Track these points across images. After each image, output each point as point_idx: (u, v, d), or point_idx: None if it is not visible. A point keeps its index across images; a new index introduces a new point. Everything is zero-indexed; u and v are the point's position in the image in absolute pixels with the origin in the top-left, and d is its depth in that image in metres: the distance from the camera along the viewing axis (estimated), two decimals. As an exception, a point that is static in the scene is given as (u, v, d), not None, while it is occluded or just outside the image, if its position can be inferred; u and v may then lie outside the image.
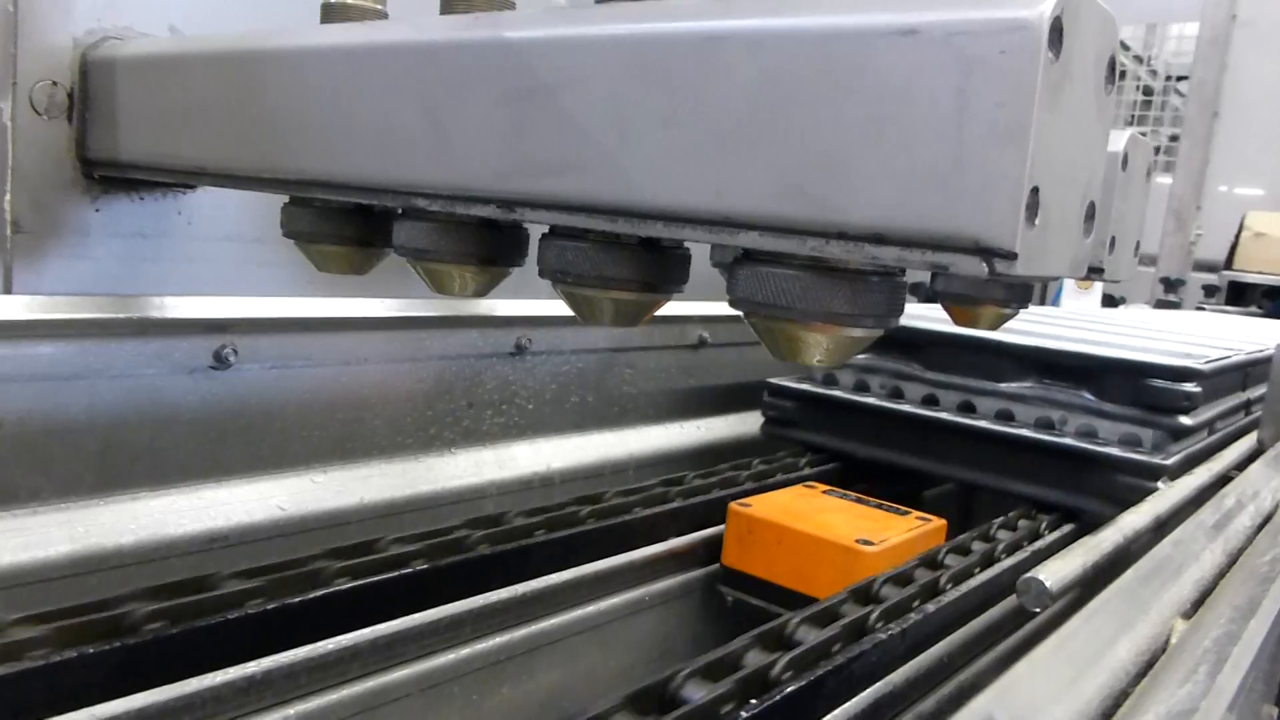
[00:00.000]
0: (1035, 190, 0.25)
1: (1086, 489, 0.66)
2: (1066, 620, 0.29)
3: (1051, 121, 0.25)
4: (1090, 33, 0.26)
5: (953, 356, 0.74)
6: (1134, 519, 0.54)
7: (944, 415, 0.72)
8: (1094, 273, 0.44)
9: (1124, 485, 0.64)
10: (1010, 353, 0.72)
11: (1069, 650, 0.27)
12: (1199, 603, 0.34)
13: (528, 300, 0.70)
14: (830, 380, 0.80)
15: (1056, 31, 0.24)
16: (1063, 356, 0.70)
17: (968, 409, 0.74)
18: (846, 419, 0.77)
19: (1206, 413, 0.70)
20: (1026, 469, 0.69)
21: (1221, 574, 0.39)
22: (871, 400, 0.76)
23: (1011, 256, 0.24)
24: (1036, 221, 0.25)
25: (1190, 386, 0.65)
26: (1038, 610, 0.43)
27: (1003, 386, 0.72)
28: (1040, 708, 0.23)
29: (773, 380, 0.81)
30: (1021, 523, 0.65)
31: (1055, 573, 0.43)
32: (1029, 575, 0.42)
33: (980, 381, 0.73)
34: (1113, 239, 0.50)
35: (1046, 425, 0.70)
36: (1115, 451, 0.65)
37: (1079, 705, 0.24)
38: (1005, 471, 0.70)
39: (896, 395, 0.77)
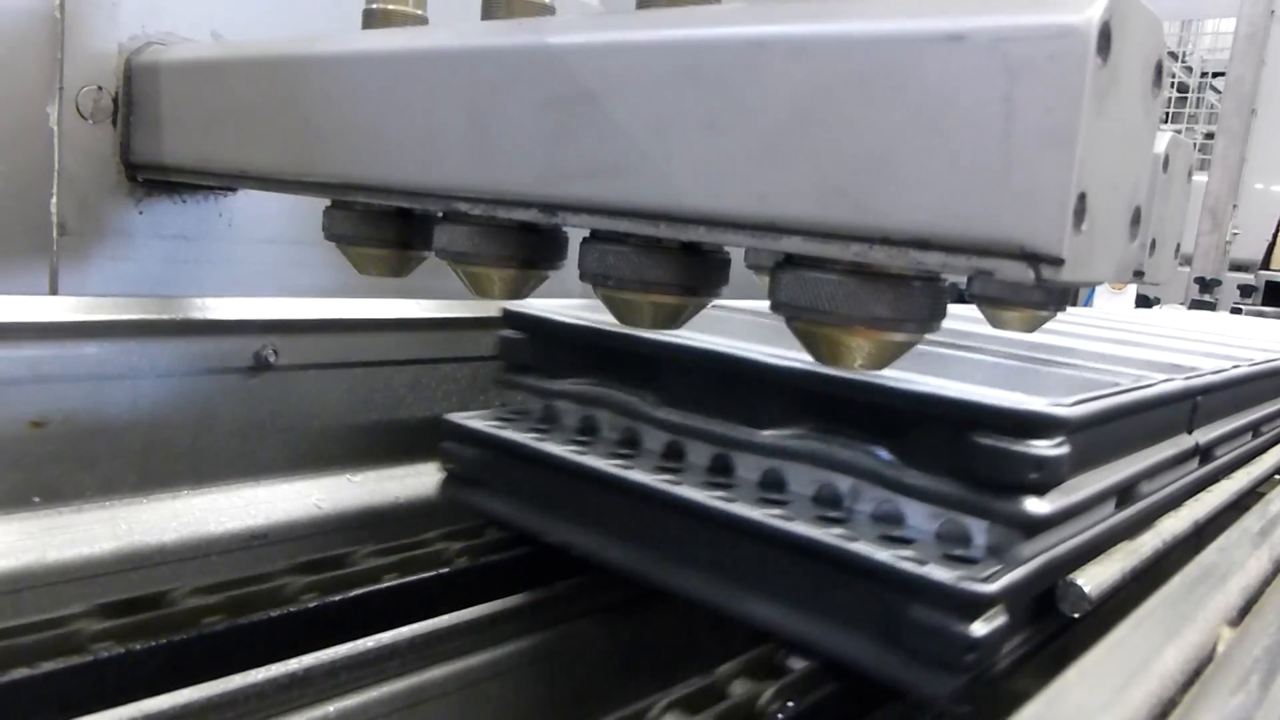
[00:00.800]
0: (1082, 196, 0.25)
1: (857, 624, 0.36)
2: (1112, 628, 0.29)
3: (1099, 126, 0.25)
4: (1137, 37, 0.26)
5: (703, 387, 0.45)
6: (1172, 524, 0.53)
7: (656, 482, 0.42)
8: (1135, 275, 0.43)
9: (919, 626, 0.34)
10: (780, 383, 0.42)
11: (1117, 658, 0.27)
12: (1245, 610, 0.34)
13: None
14: (547, 417, 0.52)
15: (1105, 36, 0.24)
16: (849, 389, 0.40)
17: (721, 469, 0.44)
18: (539, 481, 0.47)
19: (1096, 481, 0.41)
20: (775, 584, 0.39)
21: (1268, 581, 0.39)
22: (564, 453, 0.46)
23: (1058, 262, 0.24)
24: (1083, 227, 0.25)
25: (1044, 446, 0.35)
26: (1076, 615, 0.43)
27: (766, 436, 0.42)
28: (1090, 715, 0.23)
29: (452, 417, 0.51)
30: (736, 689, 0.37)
31: (1094, 578, 0.43)
32: (1068, 579, 0.42)
33: (739, 429, 0.43)
34: (1153, 241, 0.49)
35: (831, 501, 0.41)
36: (903, 566, 0.34)
37: (1128, 713, 0.24)
38: (742, 583, 0.40)
39: (628, 444, 0.48)
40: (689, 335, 0.45)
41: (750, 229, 0.30)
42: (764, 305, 0.37)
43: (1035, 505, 0.35)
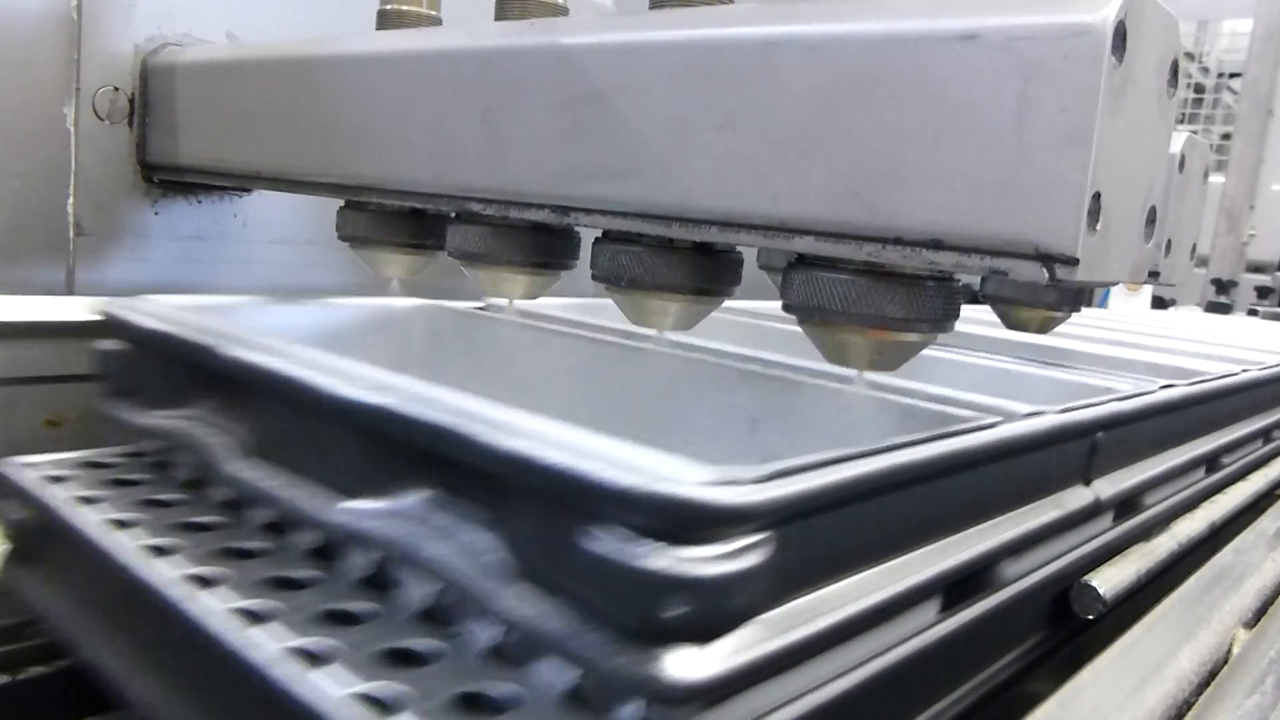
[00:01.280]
0: (1097, 195, 0.24)
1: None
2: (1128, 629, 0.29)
3: (1114, 126, 0.25)
4: (1153, 36, 0.26)
5: (288, 427, 0.33)
6: (1188, 525, 0.53)
7: (171, 589, 0.28)
8: (1150, 276, 0.43)
9: None
10: (360, 424, 0.29)
11: (1132, 659, 0.27)
12: (1261, 612, 0.34)
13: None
14: (160, 463, 0.38)
15: (1120, 35, 0.24)
16: (425, 438, 0.27)
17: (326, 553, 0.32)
18: (78, 569, 0.34)
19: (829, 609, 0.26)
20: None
21: (1283, 584, 0.39)
22: (90, 528, 0.32)
23: (1073, 262, 0.24)
24: (1098, 227, 0.25)
25: (701, 558, 0.21)
26: (1090, 617, 0.43)
27: (342, 511, 0.29)
28: (1105, 716, 0.23)
29: (9, 462, 0.38)
30: None
31: (1108, 579, 0.43)
32: (1082, 581, 0.42)
33: (311, 495, 0.30)
34: (1169, 242, 0.49)
35: (442, 615, 0.28)
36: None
37: (1143, 714, 0.24)
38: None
39: (228, 508, 0.35)
40: (292, 353, 0.33)
41: (763, 229, 0.30)
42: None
43: (683, 666, 0.21)
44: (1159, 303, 2.29)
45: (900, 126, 0.26)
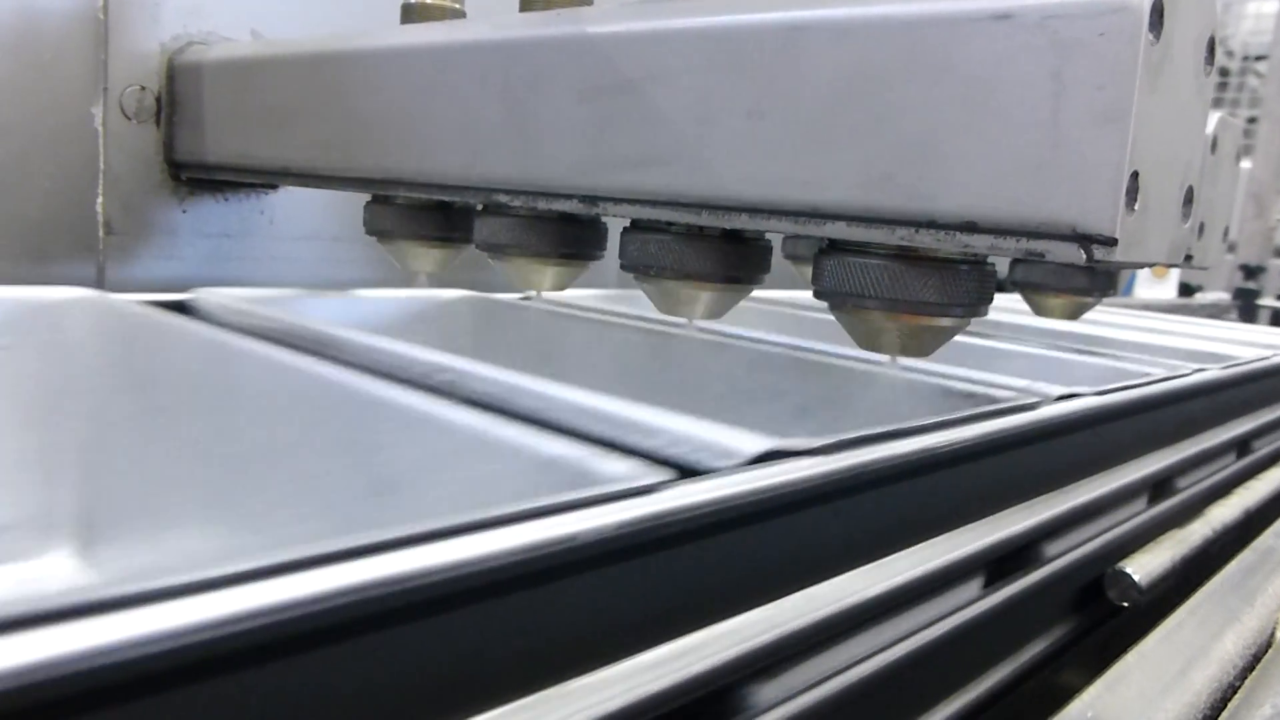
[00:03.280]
0: (1135, 175, 0.24)
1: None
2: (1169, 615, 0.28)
3: (1151, 104, 0.24)
4: (1190, 12, 0.26)
5: None
6: (1222, 512, 0.53)
7: None
8: (1185, 259, 0.43)
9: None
10: None
11: (1177, 643, 0.26)
12: (1304, 595, 0.34)
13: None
14: None
15: (1157, 12, 0.24)
16: None
17: None
18: None
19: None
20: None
21: (1327, 567, 0.38)
22: None
23: (1111, 243, 0.24)
24: (1136, 207, 0.24)
25: None
26: (1125, 604, 0.42)
27: None
28: (1151, 699, 0.23)
29: None
30: None
31: (1143, 566, 0.42)
32: (1117, 568, 0.42)
33: None
34: (1201, 224, 0.49)
35: None
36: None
37: (1189, 698, 0.24)
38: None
39: None
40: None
41: (794, 215, 0.29)
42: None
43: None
44: (1185, 289, 2.27)
45: (933, 109, 0.26)
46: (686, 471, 0.24)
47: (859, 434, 0.26)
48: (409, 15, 0.46)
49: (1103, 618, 0.46)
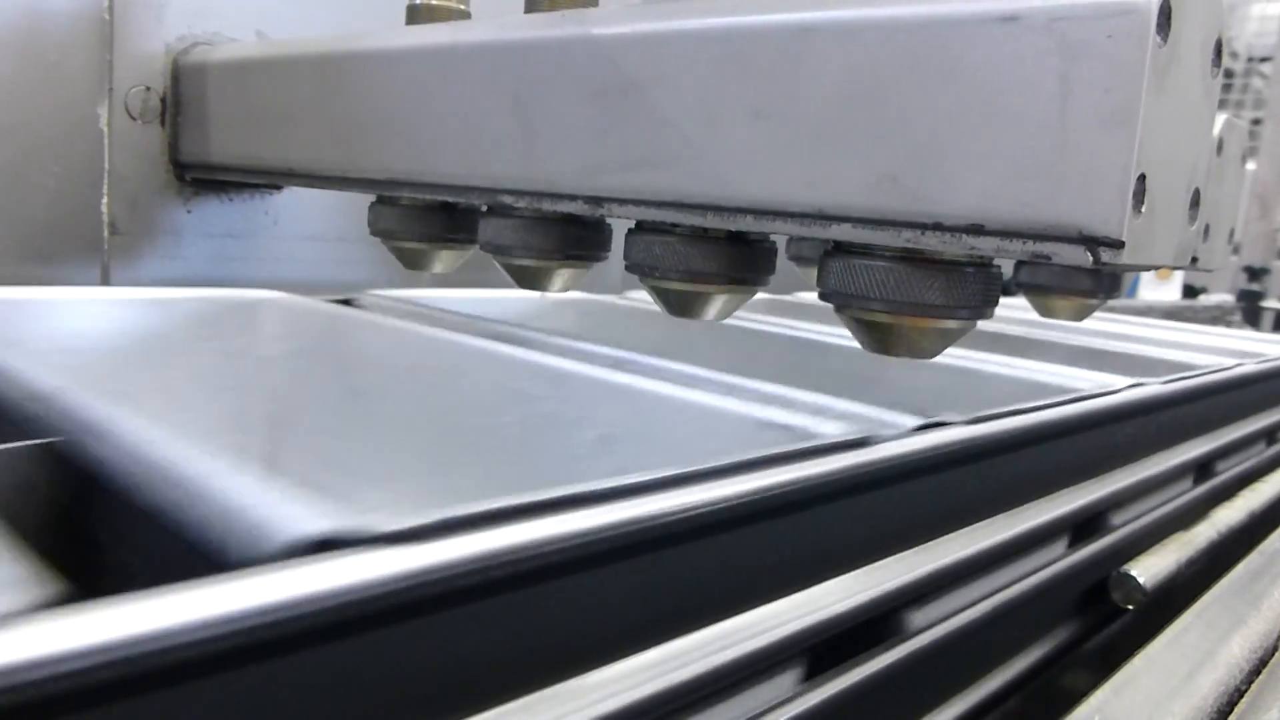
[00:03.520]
0: (1142, 177, 0.24)
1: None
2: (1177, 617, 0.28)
3: (1159, 107, 0.24)
4: (1197, 15, 0.26)
5: None
6: (1227, 514, 0.53)
7: None
8: (1190, 261, 0.43)
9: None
10: None
11: (1183, 646, 0.26)
12: (1310, 599, 0.33)
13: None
14: None
15: (1164, 14, 0.24)
16: None
17: None
18: None
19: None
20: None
21: (1332, 571, 0.38)
22: None
23: (1118, 245, 0.24)
24: (1143, 209, 0.24)
25: None
26: (1130, 607, 0.42)
27: None
28: (1158, 703, 0.23)
29: None
30: None
31: (1149, 569, 0.42)
32: (1122, 570, 0.41)
33: None
34: (1207, 226, 0.48)
35: None
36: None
37: (1196, 701, 0.24)
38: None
39: None
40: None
41: (799, 217, 0.29)
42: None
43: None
44: (1189, 291, 2.27)
45: (939, 111, 0.26)
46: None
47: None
48: (414, 16, 0.46)
49: (1107, 620, 0.46)
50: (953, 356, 0.52)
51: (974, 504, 0.34)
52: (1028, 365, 0.53)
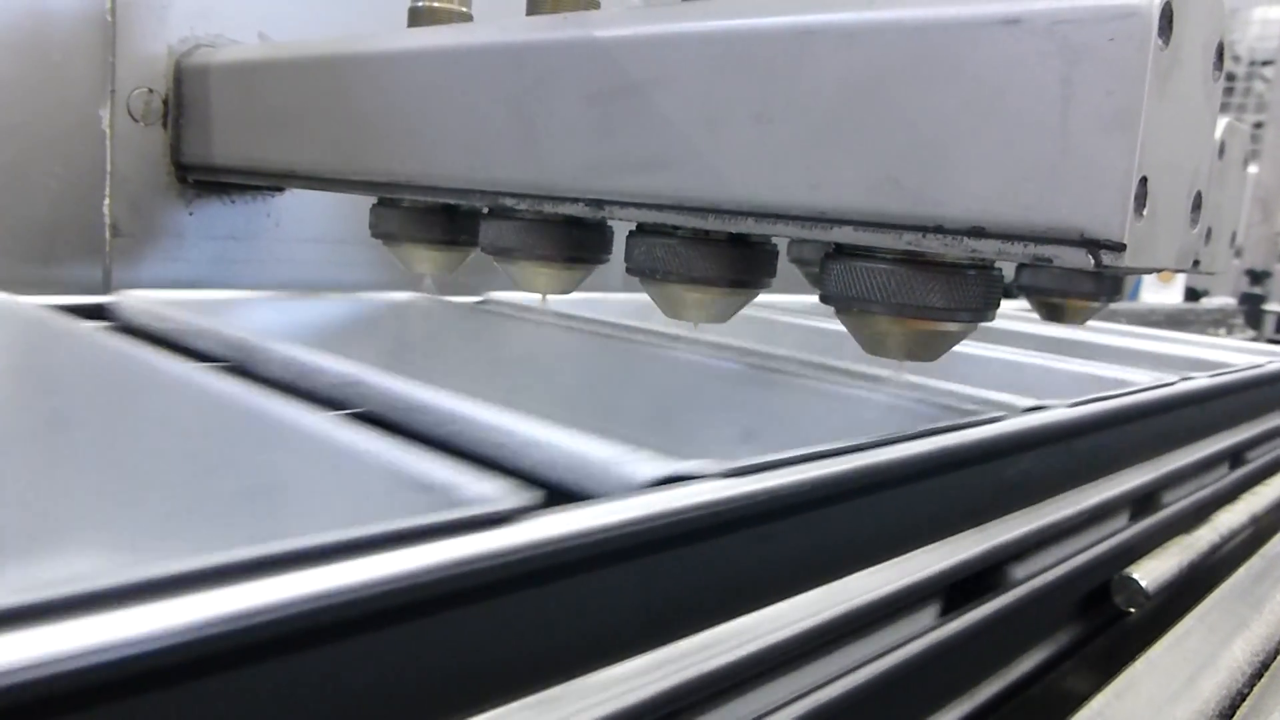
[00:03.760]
0: (1144, 180, 0.24)
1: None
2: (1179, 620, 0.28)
3: (1160, 110, 0.24)
4: (1199, 18, 0.26)
5: None
6: (1229, 517, 0.52)
7: None
8: (1192, 265, 0.43)
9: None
10: None
11: (1185, 649, 0.26)
12: (1312, 603, 0.33)
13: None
14: None
15: (1166, 17, 0.24)
16: None
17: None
18: None
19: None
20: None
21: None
22: None
23: (1120, 248, 0.24)
24: (1145, 212, 0.24)
25: None
26: (1132, 610, 0.42)
27: None
28: (1160, 707, 0.23)
29: None
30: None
31: (1150, 572, 0.42)
32: (1124, 574, 0.41)
33: None
34: (1209, 230, 0.48)
35: None
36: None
37: (1198, 705, 0.24)
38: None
39: None
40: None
41: (800, 220, 0.29)
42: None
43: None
44: (1191, 294, 2.27)
45: (941, 113, 0.26)
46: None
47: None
48: (416, 18, 0.46)
49: (1109, 623, 0.46)
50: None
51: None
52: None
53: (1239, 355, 0.59)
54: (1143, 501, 0.46)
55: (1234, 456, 0.58)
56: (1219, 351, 0.64)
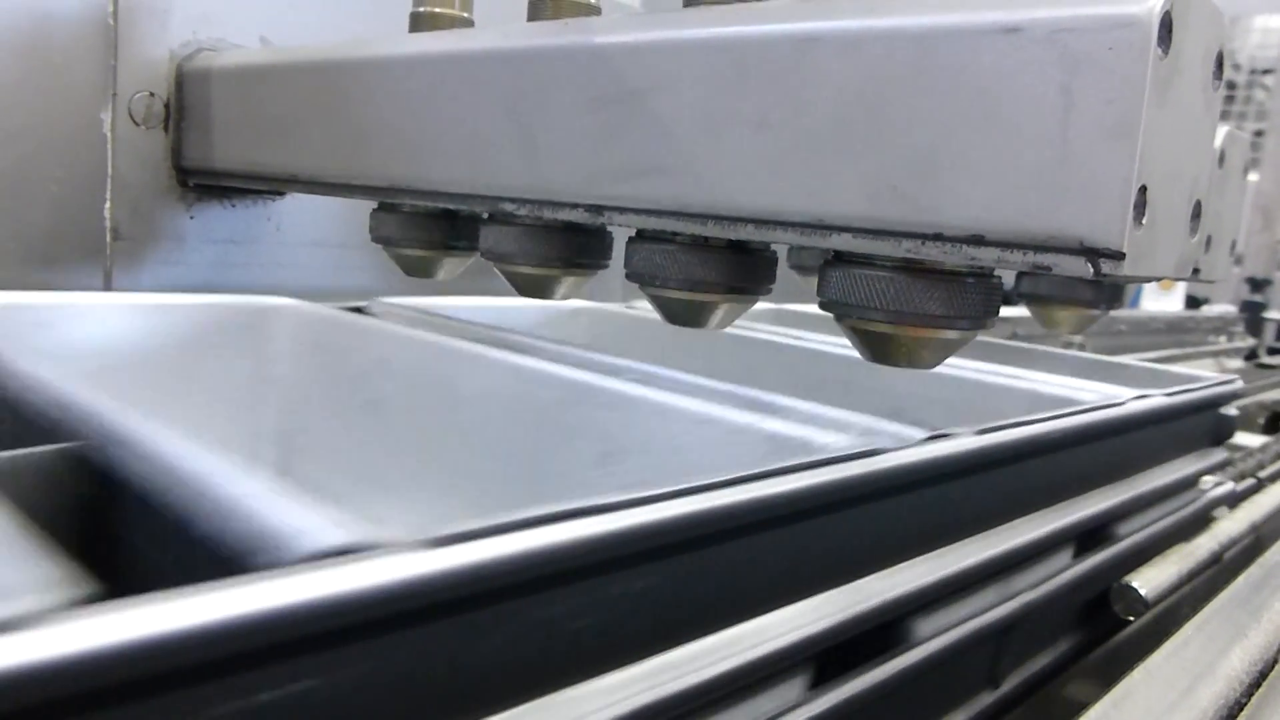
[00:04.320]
0: (1143, 189, 0.24)
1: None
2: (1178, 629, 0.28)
3: (1160, 119, 0.24)
4: (1198, 27, 0.26)
5: None
6: (1229, 525, 0.52)
7: None
8: (1192, 273, 0.43)
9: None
10: None
11: (1184, 659, 0.26)
12: (1310, 612, 0.33)
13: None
14: None
15: (1166, 27, 0.24)
16: None
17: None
18: None
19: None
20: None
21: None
22: None
23: (1119, 257, 0.24)
24: (1144, 221, 0.24)
25: None
26: (1132, 618, 0.42)
27: None
28: (1158, 716, 0.23)
29: None
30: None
31: (1150, 580, 0.42)
32: (1123, 582, 0.41)
33: None
34: (1209, 238, 0.48)
35: None
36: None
37: (1194, 714, 0.23)
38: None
39: None
40: None
41: (800, 227, 0.29)
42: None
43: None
44: (1191, 302, 2.27)
45: (941, 121, 0.26)
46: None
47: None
48: (417, 24, 0.46)
49: (1109, 631, 0.46)
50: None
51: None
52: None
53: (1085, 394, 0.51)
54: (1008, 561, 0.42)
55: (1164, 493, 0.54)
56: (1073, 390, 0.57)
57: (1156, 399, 0.47)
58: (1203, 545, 0.47)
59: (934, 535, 0.32)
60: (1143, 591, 0.40)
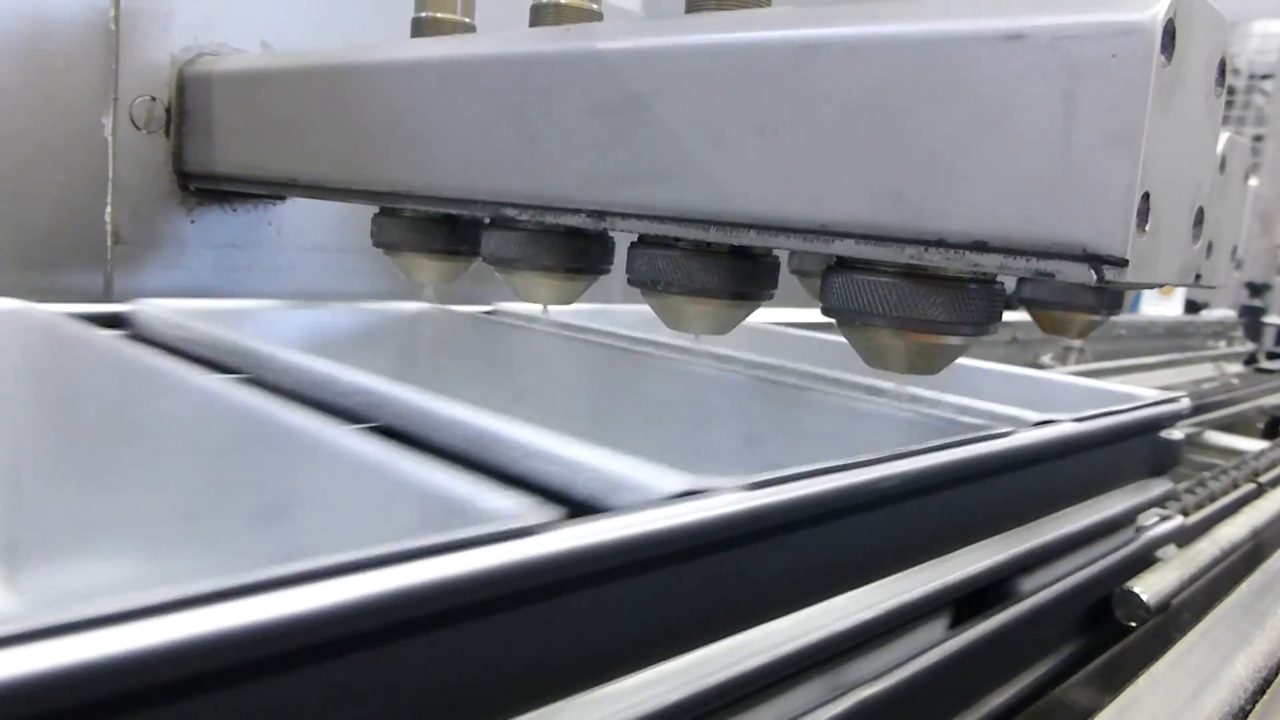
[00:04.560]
0: (1146, 196, 0.24)
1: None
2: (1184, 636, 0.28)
3: (1163, 125, 0.24)
4: (1202, 35, 0.26)
5: None
6: (1230, 531, 0.52)
7: None
8: (1194, 279, 0.42)
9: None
10: None
11: (1187, 666, 0.26)
12: (1314, 619, 0.33)
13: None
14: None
15: (1169, 34, 0.24)
16: None
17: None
18: None
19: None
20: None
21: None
22: None
23: (1122, 263, 0.24)
24: (1147, 227, 0.24)
25: None
26: (1134, 625, 0.42)
27: None
28: (1163, 725, 0.23)
29: None
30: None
31: (1151, 586, 0.42)
32: (1125, 588, 0.41)
33: None
34: (1210, 244, 0.48)
35: None
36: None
37: (1200, 723, 0.24)
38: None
39: None
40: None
41: (802, 232, 0.29)
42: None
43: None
44: (1191, 307, 2.27)
45: (944, 128, 0.26)
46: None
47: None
48: (419, 29, 0.46)
49: (1111, 638, 0.46)
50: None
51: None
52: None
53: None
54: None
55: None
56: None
57: (1064, 425, 0.38)
58: (1204, 550, 0.47)
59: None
60: (1145, 597, 0.40)
